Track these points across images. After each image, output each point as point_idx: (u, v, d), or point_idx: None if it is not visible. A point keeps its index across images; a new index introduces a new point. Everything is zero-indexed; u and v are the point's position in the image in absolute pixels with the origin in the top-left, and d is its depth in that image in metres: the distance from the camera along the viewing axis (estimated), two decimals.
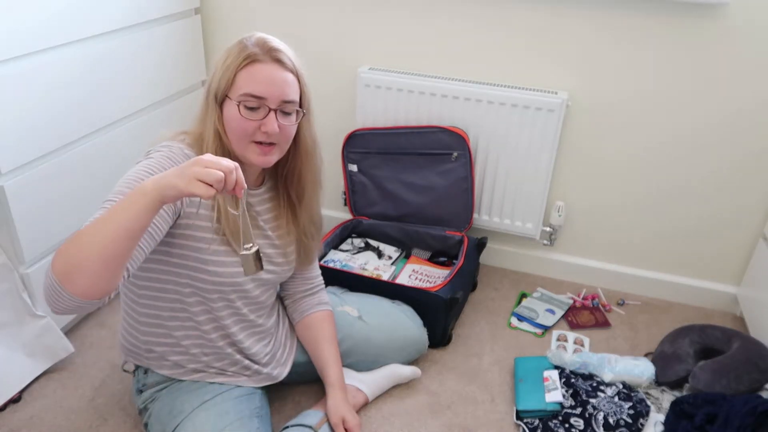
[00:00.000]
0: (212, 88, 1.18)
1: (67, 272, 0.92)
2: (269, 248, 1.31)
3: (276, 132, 1.16)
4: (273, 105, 1.15)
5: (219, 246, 1.20)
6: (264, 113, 1.15)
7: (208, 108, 1.19)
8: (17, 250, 1.48)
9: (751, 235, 1.84)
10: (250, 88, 1.14)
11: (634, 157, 1.85)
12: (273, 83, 1.15)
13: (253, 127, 1.16)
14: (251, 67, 1.14)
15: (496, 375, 1.66)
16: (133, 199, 0.94)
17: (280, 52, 1.17)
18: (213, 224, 1.18)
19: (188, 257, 1.19)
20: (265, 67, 1.15)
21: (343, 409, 1.39)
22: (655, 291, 2.00)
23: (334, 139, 2.08)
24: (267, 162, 1.20)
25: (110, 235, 0.92)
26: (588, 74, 1.79)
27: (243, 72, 1.14)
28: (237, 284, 1.25)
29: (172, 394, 1.30)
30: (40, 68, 1.46)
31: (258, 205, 1.29)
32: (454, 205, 1.94)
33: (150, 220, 0.96)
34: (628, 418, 1.44)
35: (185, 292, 1.23)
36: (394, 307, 1.64)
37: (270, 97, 1.15)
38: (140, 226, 0.95)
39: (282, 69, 1.16)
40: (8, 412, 1.48)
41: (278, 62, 1.16)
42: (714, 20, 1.63)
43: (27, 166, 1.47)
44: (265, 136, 1.16)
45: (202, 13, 2.07)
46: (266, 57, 1.15)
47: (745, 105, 1.69)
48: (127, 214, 0.93)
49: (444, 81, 1.85)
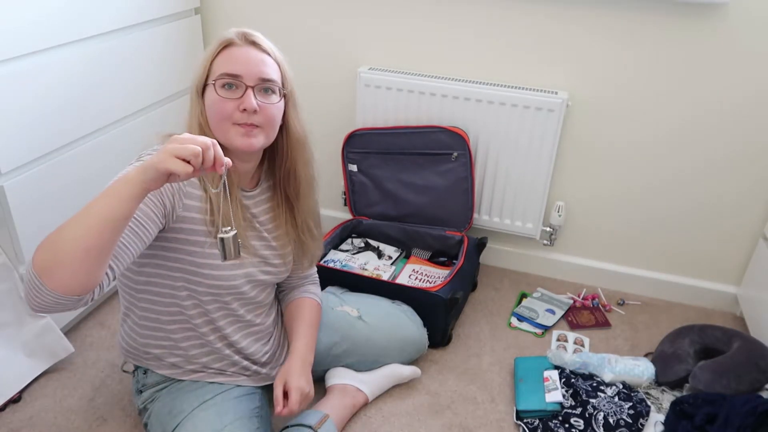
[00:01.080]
0: (195, 81, 1.18)
1: (46, 266, 0.89)
2: (266, 250, 1.31)
3: (254, 108, 1.13)
4: (250, 82, 1.14)
5: (213, 249, 1.20)
6: (242, 91, 1.14)
7: (192, 104, 1.19)
8: (17, 250, 1.48)
9: (751, 235, 1.84)
10: (226, 68, 1.14)
11: (634, 156, 1.85)
12: (248, 61, 1.14)
13: (232, 107, 1.14)
14: (226, 51, 1.15)
15: (496, 375, 1.66)
16: (116, 187, 0.92)
17: (255, 37, 1.17)
18: (207, 226, 1.17)
19: (183, 260, 1.19)
20: (239, 49, 1.15)
21: (294, 376, 1.31)
22: (655, 291, 2.00)
23: (334, 139, 2.08)
24: (251, 145, 1.16)
25: (92, 226, 0.90)
26: (588, 74, 1.78)
27: (219, 57, 1.15)
28: (233, 287, 1.25)
29: (172, 394, 1.30)
30: (40, 68, 1.46)
31: (254, 207, 1.28)
32: (454, 205, 1.94)
33: (133, 209, 0.93)
34: (628, 418, 1.44)
35: (181, 295, 1.23)
36: (394, 307, 1.64)
37: (246, 74, 1.14)
38: (123, 215, 0.91)
39: (258, 50, 1.16)
40: (8, 412, 1.48)
41: (254, 44, 1.17)
42: (714, 20, 1.63)
43: (27, 166, 1.47)
44: (246, 116, 1.14)
45: (202, 13, 2.07)
46: (241, 41, 1.16)
47: (746, 105, 1.69)
48: (109, 203, 0.91)
49: (444, 81, 1.85)
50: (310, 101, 2.08)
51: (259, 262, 1.30)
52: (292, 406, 1.29)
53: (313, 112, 2.10)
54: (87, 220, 0.90)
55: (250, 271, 1.27)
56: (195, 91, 1.19)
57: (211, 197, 1.17)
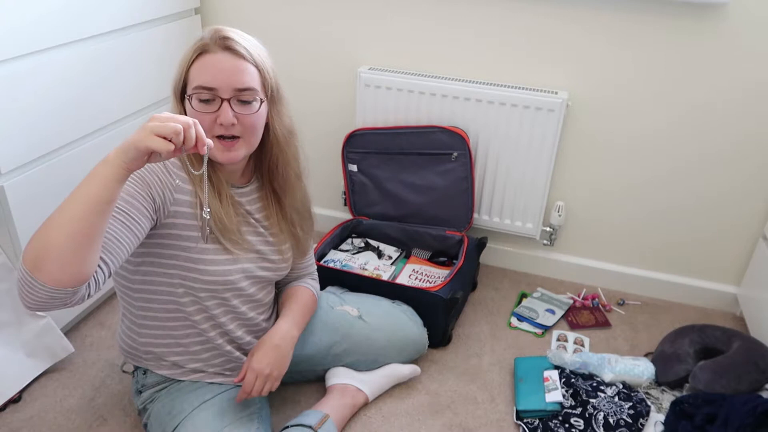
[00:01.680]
0: (172, 86, 1.17)
1: (35, 258, 0.89)
2: (263, 245, 1.30)
3: (231, 122, 1.12)
4: (225, 95, 1.12)
5: (207, 244, 1.19)
6: (218, 105, 1.12)
7: (172, 108, 1.18)
8: (17, 250, 1.48)
9: (751, 235, 1.84)
10: (201, 80, 1.11)
11: (635, 156, 1.85)
12: (222, 71, 1.11)
13: (210, 121, 1.12)
14: (201, 59, 1.12)
15: (496, 375, 1.66)
16: (97, 171, 0.91)
17: (230, 41, 1.13)
18: (198, 221, 1.16)
19: (178, 257, 1.19)
20: (213, 57, 1.12)
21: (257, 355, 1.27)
22: (655, 291, 2.00)
23: (334, 139, 2.08)
24: (232, 158, 1.16)
25: (77, 211, 0.89)
26: (588, 74, 1.78)
27: (194, 65, 1.13)
28: (230, 282, 1.25)
29: (172, 394, 1.30)
30: (40, 68, 1.46)
31: (248, 205, 1.28)
32: (454, 205, 1.94)
33: (116, 191, 0.92)
34: (628, 418, 1.44)
35: (178, 292, 1.23)
36: (394, 307, 1.64)
37: (221, 86, 1.11)
38: (106, 198, 0.90)
39: (233, 57, 1.12)
40: (8, 412, 1.48)
41: (228, 50, 1.12)
42: (714, 20, 1.63)
43: (27, 166, 1.47)
44: (223, 129, 1.13)
45: (202, 13, 2.07)
46: (215, 47, 1.12)
47: (746, 106, 1.69)
48: (91, 186, 0.90)
49: (444, 81, 1.85)
50: (310, 101, 2.08)
51: (257, 258, 1.29)
52: (245, 387, 1.25)
53: (313, 112, 2.10)
54: (71, 207, 0.89)
55: (246, 266, 1.27)
56: (174, 96, 1.17)
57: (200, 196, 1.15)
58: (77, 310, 1.72)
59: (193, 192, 1.17)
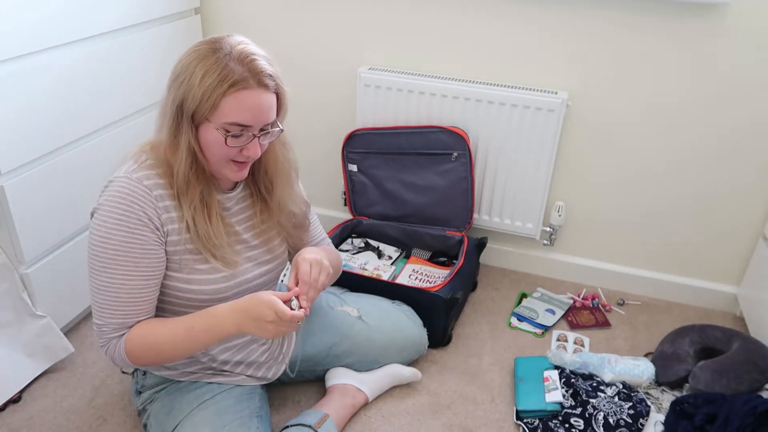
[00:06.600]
0: (187, 106, 1.09)
1: (145, 364, 1.19)
2: (249, 251, 1.28)
3: (258, 155, 1.17)
4: (257, 131, 1.13)
5: (201, 265, 1.19)
6: (248, 139, 1.13)
7: (180, 125, 1.12)
8: (17, 250, 1.48)
9: (751, 235, 1.84)
10: (238, 118, 1.09)
11: (635, 156, 1.85)
12: (261, 111, 1.11)
13: (236, 151, 1.14)
14: (239, 95, 1.08)
15: (496, 375, 1.66)
16: (216, 332, 1.14)
17: (265, 75, 1.10)
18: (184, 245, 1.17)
19: (172, 278, 1.19)
20: (252, 95, 1.09)
21: (305, 253, 1.23)
22: (655, 291, 2.00)
23: (334, 139, 2.08)
24: (242, 176, 1.20)
25: (195, 349, 1.17)
26: (588, 74, 1.78)
27: (229, 98, 1.08)
28: (225, 299, 1.22)
29: (171, 394, 1.30)
30: (40, 68, 1.46)
31: (234, 206, 1.27)
32: (454, 205, 1.94)
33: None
34: (628, 418, 1.44)
35: (174, 310, 1.24)
36: (394, 307, 1.64)
37: (256, 123, 1.12)
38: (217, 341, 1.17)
39: (267, 92, 1.11)
40: (8, 412, 1.48)
41: (264, 87, 1.10)
42: (714, 20, 1.63)
43: (27, 166, 1.47)
44: (245, 158, 1.16)
45: (202, 13, 2.07)
46: (253, 82, 1.09)
47: (746, 106, 1.69)
48: (211, 338, 1.15)
49: (444, 81, 1.85)
50: (310, 101, 2.08)
51: (253, 266, 1.28)
52: (303, 277, 1.18)
53: (313, 113, 2.10)
54: (191, 345, 1.16)
55: (240, 280, 1.26)
56: (188, 116, 1.10)
57: (187, 219, 1.16)
58: (77, 310, 1.72)
59: (179, 217, 1.16)
